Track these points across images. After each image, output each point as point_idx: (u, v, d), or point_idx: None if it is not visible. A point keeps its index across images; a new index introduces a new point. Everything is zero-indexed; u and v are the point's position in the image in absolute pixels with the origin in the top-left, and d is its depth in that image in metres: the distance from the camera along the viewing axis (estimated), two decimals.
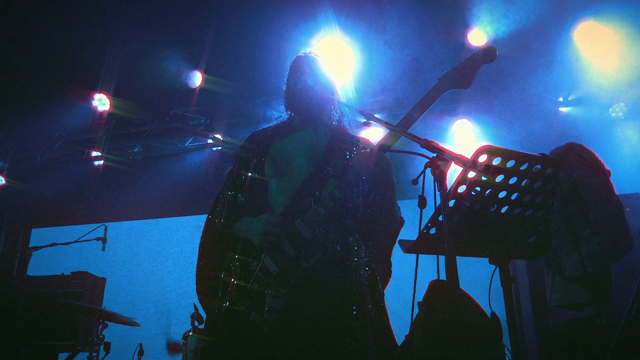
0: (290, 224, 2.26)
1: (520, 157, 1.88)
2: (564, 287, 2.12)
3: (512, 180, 1.94)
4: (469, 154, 1.86)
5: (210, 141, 7.58)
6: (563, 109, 6.13)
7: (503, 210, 2.04)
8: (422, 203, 1.77)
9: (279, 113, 2.74)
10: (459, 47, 5.50)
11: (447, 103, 6.53)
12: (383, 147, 2.29)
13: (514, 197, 2.01)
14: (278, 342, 2.17)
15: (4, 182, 8.77)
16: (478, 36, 5.28)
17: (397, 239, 2.26)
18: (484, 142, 6.42)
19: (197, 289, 2.44)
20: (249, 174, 2.51)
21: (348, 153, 2.46)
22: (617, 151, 5.40)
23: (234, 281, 2.33)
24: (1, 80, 6.23)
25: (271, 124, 2.69)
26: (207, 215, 2.55)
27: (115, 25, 5.38)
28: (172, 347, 5.88)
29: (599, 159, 2.11)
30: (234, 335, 2.25)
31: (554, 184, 2.03)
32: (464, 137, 6.68)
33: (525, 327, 3.86)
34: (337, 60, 5.39)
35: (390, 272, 2.47)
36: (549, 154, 1.98)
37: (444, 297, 1.55)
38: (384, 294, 2.39)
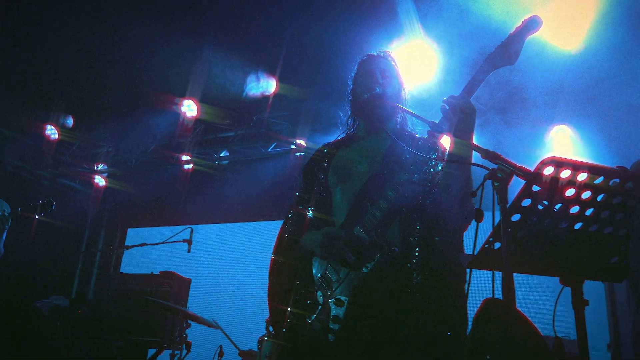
0: (349, 232, 2.31)
1: (592, 170, 1.78)
2: None
3: (586, 195, 1.84)
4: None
5: (293, 147, 7.81)
6: None
7: (577, 226, 1.94)
8: (480, 216, 1.74)
9: (344, 115, 2.79)
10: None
11: (542, 108, 6.21)
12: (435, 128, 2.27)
13: (588, 212, 1.90)
14: (344, 352, 2.22)
15: (104, 183, 9.63)
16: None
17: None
18: (579, 152, 6.05)
19: (269, 305, 2.54)
20: (315, 188, 2.60)
21: (408, 154, 2.45)
22: None
23: (302, 293, 2.42)
24: (97, 91, 6.86)
25: (337, 136, 2.76)
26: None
27: (199, 36, 5.75)
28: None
29: None
30: (302, 348, 2.34)
31: (637, 200, 1.90)
32: (563, 144, 6.33)
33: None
34: (418, 63, 5.36)
35: (463, 272, 2.36)
36: (631, 167, 1.86)
37: (497, 317, 1.51)
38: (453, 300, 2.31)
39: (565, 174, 1.77)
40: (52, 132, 8.62)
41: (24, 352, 6.71)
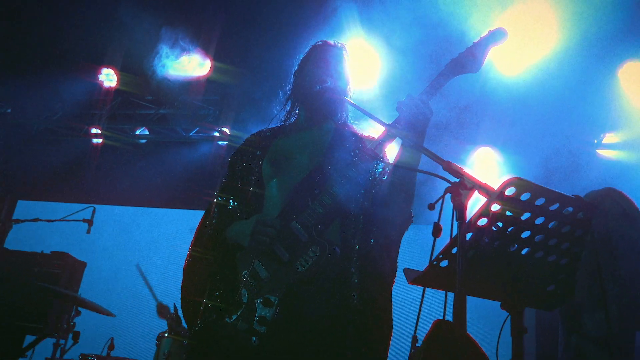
0: (285, 225, 2.17)
1: (551, 196, 1.77)
2: (580, 349, 1.99)
3: (539, 220, 1.83)
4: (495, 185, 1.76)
5: (216, 134, 7.51)
6: (600, 151, 6.00)
7: (524, 251, 1.93)
8: (437, 231, 1.67)
9: (283, 96, 2.64)
10: None
11: (471, 127, 6.40)
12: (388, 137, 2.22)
13: (537, 238, 1.90)
14: (267, 357, 2.07)
15: None
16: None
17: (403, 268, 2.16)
18: (508, 175, 6.31)
19: (182, 306, 2.36)
20: (245, 177, 2.43)
21: (353, 148, 2.38)
22: None
23: (223, 290, 2.25)
24: (10, 43, 6.22)
25: (270, 125, 2.60)
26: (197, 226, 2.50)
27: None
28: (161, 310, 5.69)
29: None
30: (220, 349, 2.16)
31: (584, 231, 1.92)
32: (486, 167, 6.56)
33: None
34: (360, 64, 5.32)
35: (394, 269, 2.31)
36: (584, 197, 1.87)
37: (446, 340, 1.43)
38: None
39: (525, 196, 1.74)
40: None
41: None
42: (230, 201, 2.42)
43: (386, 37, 5.18)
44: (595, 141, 6.02)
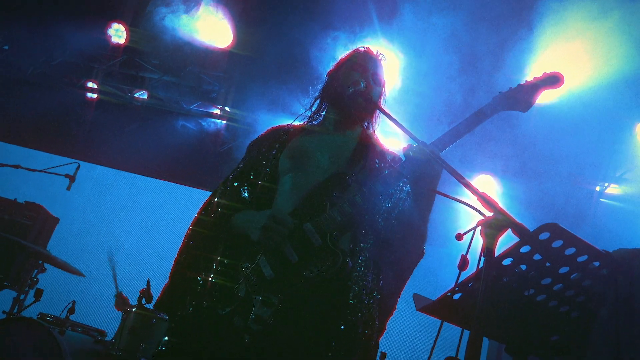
0: (298, 225, 2.11)
1: (582, 247, 1.74)
2: None
3: (563, 270, 1.80)
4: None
5: (217, 111, 7.38)
6: (603, 200, 6.02)
7: (539, 298, 1.90)
8: (464, 265, 1.62)
9: (304, 105, 2.59)
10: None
11: (472, 153, 6.34)
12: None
13: (556, 287, 1.87)
14: (258, 357, 2.03)
15: None
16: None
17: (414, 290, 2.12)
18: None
19: (171, 282, 2.30)
20: (260, 167, 2.38)
21: (377, 160, 2.34)
22: None
23: (220, 279, 2.19)
24: None
25: (294, 122, 2.54)
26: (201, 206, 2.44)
27: None
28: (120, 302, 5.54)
29: None
30: (207, 340, 2.11)
31: (603, 288, 1.89)
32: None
33: None
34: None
35: (394, 306, 2.30)
36: (612, 253, 1.85)
37: None
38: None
39: (557, 244, 1.70)
40: None
41: None
42: (242, 189, 2.38)
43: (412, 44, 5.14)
44: (598, 189, 6.05)
